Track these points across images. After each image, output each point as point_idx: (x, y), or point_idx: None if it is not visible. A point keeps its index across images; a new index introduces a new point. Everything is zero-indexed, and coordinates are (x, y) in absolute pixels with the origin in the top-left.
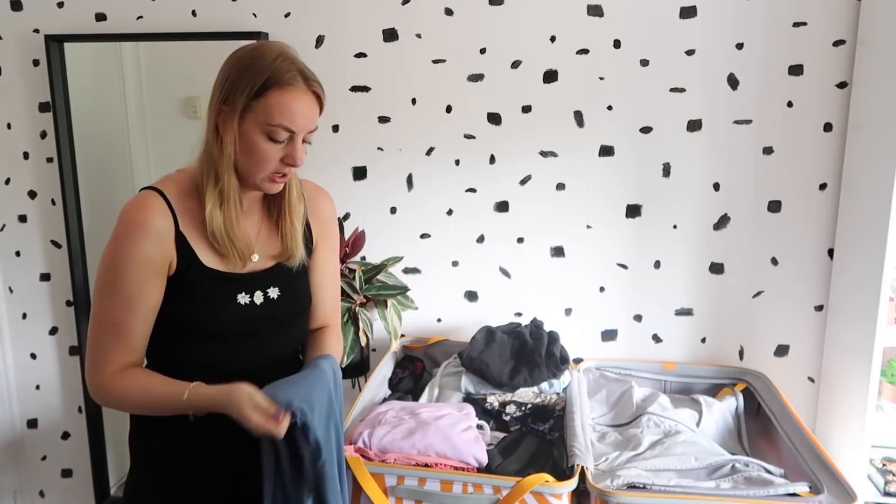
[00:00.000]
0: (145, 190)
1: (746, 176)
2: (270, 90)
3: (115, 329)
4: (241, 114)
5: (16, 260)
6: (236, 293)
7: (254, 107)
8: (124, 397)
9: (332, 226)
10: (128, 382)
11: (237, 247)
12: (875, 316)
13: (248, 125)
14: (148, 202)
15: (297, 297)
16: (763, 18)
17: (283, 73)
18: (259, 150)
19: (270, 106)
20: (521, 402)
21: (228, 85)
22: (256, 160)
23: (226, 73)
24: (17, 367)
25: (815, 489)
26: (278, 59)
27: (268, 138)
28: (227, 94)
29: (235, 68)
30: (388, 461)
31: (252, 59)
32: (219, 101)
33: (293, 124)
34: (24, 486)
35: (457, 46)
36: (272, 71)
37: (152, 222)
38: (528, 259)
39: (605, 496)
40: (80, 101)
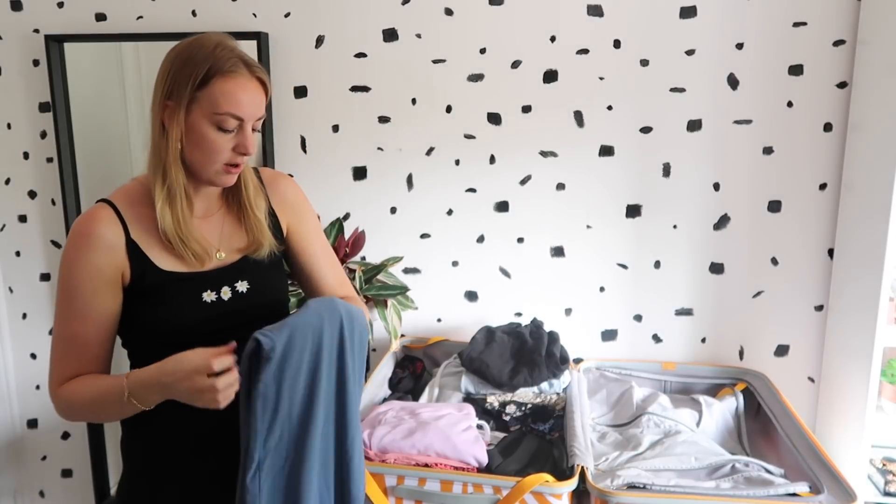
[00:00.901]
0: (97, 203)
1: (746, 176)
2: (214, 79)
3: (69, 342)
4: (187, 107)
5: (16, 260)
6: (201, 292)
7: (199, 98)
8: (73, 404)
9: (302, 205)
10: (73, 388)
11: (189, 246)
12: (875, 316)
13: (195, 117)
14: (96, 214)
15: (269, 288)
16: (763, 18)
17: (224, 61)
18: (208, 141)
19: (216, 95)
20: (521, 402)
21: (170, 79)
22: (207, 152)
23: (167, 69)
24: (17, 367)
25: (815, 489)
26: (217, 48)
27: (217, 128)
28: (169, 88)
29: (176, 62)
30: (388, 461)
31: (191, 51)
32: (162, 97)
33: (240, 111)
34: (24, 486)
35: (457, 46)
36: (214, 60)
37: (99, 233)
38: (528, 259)
39: (605, 496)
40: (80, 101)
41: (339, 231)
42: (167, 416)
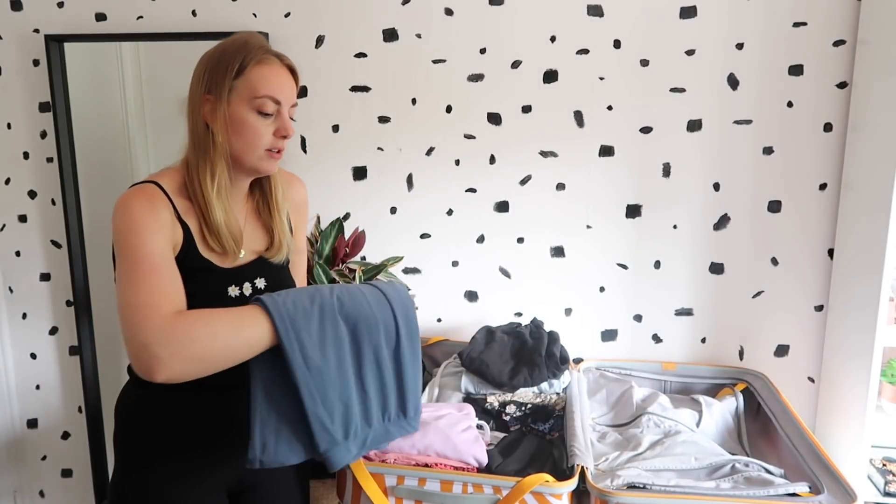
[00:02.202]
0: (138, 185)
1: (746, 176)
2: (249, 66)
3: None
4: (227, 97)
5: (16, 260)
6: (227, 286)
7: (237, 86)
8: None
9: (306, 210)
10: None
11: (235, 241)
12: (875, 316)
13: (235, 105)
14: (147, 187)
15: (283, 286)
16: (763, 18)
17: (255, 49)
18: (250, 126)
19: (253, 80)
20: (521, 402)
21: (208, 76)
22: (250, 138)
23: (202, 69)
24: (17, 367)
25: (815, 489)
26: (248, 40)
27: (257, 113)
28: (208, 84)
29: (210, 61)
30: (388, 461)
31: (223, 47)
32: (203, 93)
33: (278, 93)
34: (24, 486)
35: (457, 46)
36: (247, 50)
37: (156, 201)
38: (528, 259)
39: (605, 496)
40: (80, 101)
41: (339, 231)
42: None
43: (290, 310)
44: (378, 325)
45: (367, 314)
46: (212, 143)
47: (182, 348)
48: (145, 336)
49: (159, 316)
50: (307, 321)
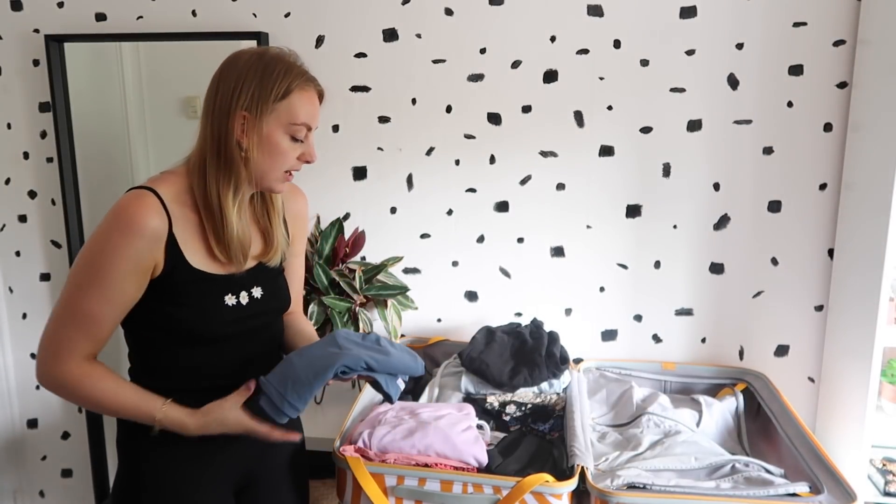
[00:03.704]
0: (138, 189)
1: (746, 176)
2: (294, 92)
3: (86, 320)
4: (266, 118)
5: (16, 260)
6: (223, 294)
7: (277, 109)
8: (87, 397)
9: (305, 222)
10: (94, 382)
11: (244, 253)
12: (875, 316)
13: (272, 127)
14: (145, 202)
15: (279, 294)
16: (763, 18)
17: (300, 75)
18: (281, 150)
19: (295, 106)
20: (521, 402)
21: (249, 93)
22: (276, 160)
23: (239, 81)
24: (17, 367)
25: (815, 489)
26: (293, 65)
27: (290, 138)
28: (248, 101)
29: (252, 76)
30: (388, 461)
31: (266, 64)
32: (240, 109)
33: (312, 121)
34: (24, 486)
35: (457, 46)
36: (293, 76)
37: (146, 222)
38: (528, 259)
39: (605, 496)
40: (80, 101)
41: (339, 231)
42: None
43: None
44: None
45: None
46: (241, 158)
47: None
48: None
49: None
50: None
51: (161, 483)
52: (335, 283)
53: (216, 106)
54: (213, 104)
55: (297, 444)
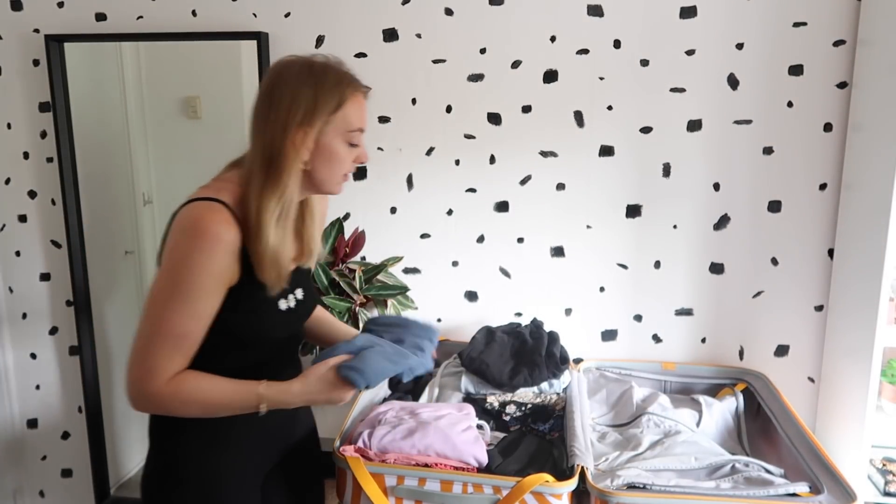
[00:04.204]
0: (206, 201)
1: (746, 176)
2: (347, 101)
3: (178, 339)
4: (323, 129)
5: (16, 260)
6: (278, 299)
7: (333, 119)
8: (189, 402)
9: (324, 220)
10: (190, 388)
11: (281, 265)
12: (875, 316)
13: (330, 137)
14: (219, 216)
15: (314, 294)
16: (763, 18)
17: (349, 83)
18: (340, 156)
19: (350, 114)
20: (521, 402)
21: (305, 107)
22: (336, 166)
23: (293, 97)
24: (17, 367)
25: (815, 489)
26: (344, 76)
27: (348, 144)
28: (305, 116)
29: (305, 90)
30: (388, 461)
31: (317, 77)
32: (297, 125)
33: (364, 124)
34: (24, 486)
35: (457, 46)
36: (345, 84)
37: (223, 237)
38: (528, 259)
39: (605, 496)
40: (80, 101)
41: (339, 231)
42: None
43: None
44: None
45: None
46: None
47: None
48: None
49: (158, 382)
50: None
51: (194, 470)
52: (335, 283)
53: (270, 121)
54: (267, 119)
55: (314, 439)
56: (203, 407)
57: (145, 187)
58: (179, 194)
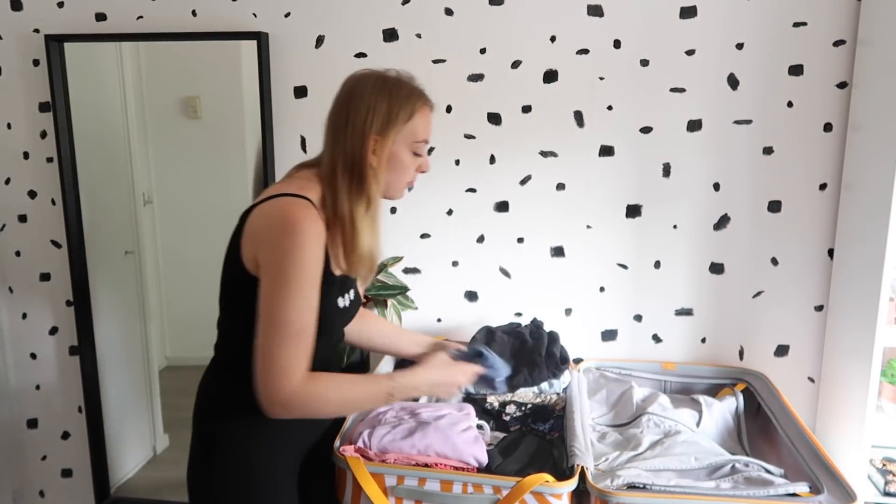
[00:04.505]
0: (294, 197)
1: (746, 176)
2: (416, 113)
3: (301, 334)
4: (394, 138)
5: (16, 260)
6: (338, 296)
7: (404, 130)
8: (328, 401)
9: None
10: (325, 387)
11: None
12: (875, 316)
13: (399, 147)
14: (312, 212)
15: (359, 298)
16: (763, 18)
17: (420, 96)
18: (405, 165)
19: (418, 126)
20: (521, 402)
21: (381, 117)
22: (402, 175)
23: (369, 107)
24: (17, 367)
25: (815, 489)
26: (413, 85)
27: (413, 154)
28: (379, 125)
29: (380, 102)
30: (387, 461)
31: (391, 90)
32: (372, 133)
33: (429, 137)
34: (24, 486)
35: (457, 46)
36: (416, 97)
37: (320, 231)
38: (528, 259)
39: (605, 496)
40: (80, 101)
41: None
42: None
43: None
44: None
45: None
46: (375, 178)
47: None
48: (281, 395)
49: (293, 382)
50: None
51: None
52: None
53: (348, 128)
54: (346, 127)
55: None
56: (339, 405)
57: (145, 187)
58: (179, 194)
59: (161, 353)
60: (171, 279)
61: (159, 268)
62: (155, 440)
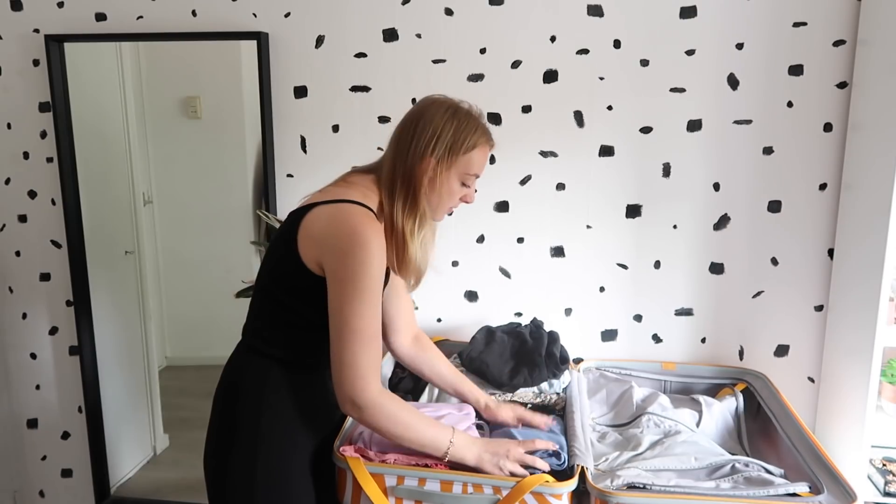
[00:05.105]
0: (356, 206)
1: (746, 176)
2: (476, 148)
3: (374, 340)
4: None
5: (16, 260)
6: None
7: (459, 161)
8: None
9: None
10: (398, 407)
11: (421, 271)
12: (875, 316)
13: (451, 174)
14: (375, 224)
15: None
16: (763, 18)
17: (484, 134)
18: (452, 192)
19: (473, 161)
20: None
21: (444, 144)
22: (446, 200)
23: (436, 131)
24: (17, 367)
25: (815, 489)
26: (479, 122)
27: (461, 184)
28: (441, 151)
29: (447, 129)
30: (388, 461)
31: (460, 121)
32: (431, 156)
33: (482, 171)
34: (24, 486)
35: (457, 46)
36: (478, 135)
37: (383, 243)
38: (528, 259)
39: (605, 496)
40: (80, 101)
41: None
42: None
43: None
44: None
45: None
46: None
47: (379, 424)
48: (364, 400)
49: (375, 387)
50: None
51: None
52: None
53: (413, 146)
54: (410, 144)
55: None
56: (404, 429)
57: (145, 187)
58: (179, 194)
59: (161, 353)
60: (171, 279)
61: (159, 268)
62: (155, 440)
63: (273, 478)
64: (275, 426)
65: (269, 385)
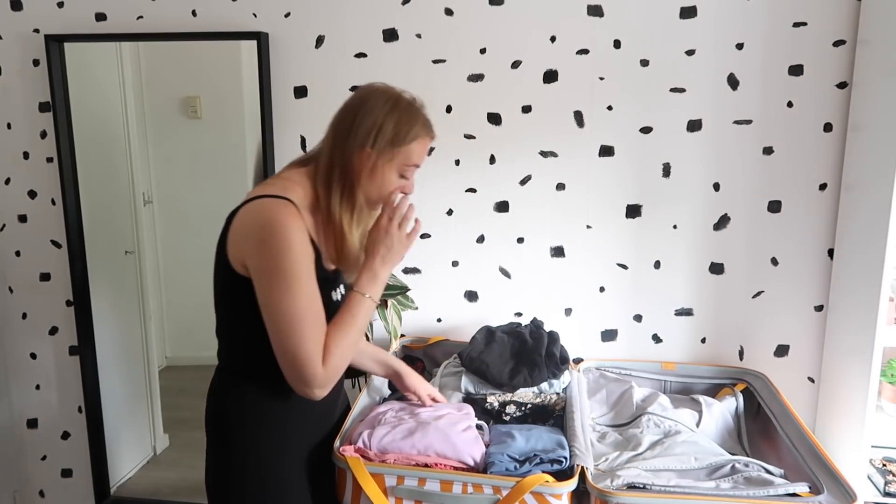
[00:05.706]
0: (275, 199)
1: (746, 176)
2: (416, 140)
3: (315, 322)
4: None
5: (16, 260)
6: (331, 290)
7: (397, 153)
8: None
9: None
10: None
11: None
12: (875, 316)
13: (388, 166)
14: (291, 211)
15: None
16: (763, 18)
17: (425, 125)
18: (390, 183)
19: (412, 152)
20: (521, 402)
21: (381, 135)
22: (384, 191)
23: (376, 122)
24: (17, 367)
25: (815, 489)
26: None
27: (399, 175)
28: (378, 142)
29: (388, 121)
30: (387, 461)
31: (401, 113)
32: (369, 146)
33: (422, 162)
34: (24, 486)
35: (457, 46)
36: (420, 125)
37: (300, 224)
38: (528, 259)
39: (605, 496)
40: (80, 101)
41: None
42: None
43: None
44: None
45: None
46: (359, 184)
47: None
48: (319, 379)
49: (317, 368)
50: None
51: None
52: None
53: (350, 136)
54: (348, 134)
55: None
56: (351, 346)
57: (145, 187)
58: (179, 194)
59: (161, 353)
60: (171, 279)
61: (159, 268)
62: (155, 440)
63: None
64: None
65: (247, 405)
